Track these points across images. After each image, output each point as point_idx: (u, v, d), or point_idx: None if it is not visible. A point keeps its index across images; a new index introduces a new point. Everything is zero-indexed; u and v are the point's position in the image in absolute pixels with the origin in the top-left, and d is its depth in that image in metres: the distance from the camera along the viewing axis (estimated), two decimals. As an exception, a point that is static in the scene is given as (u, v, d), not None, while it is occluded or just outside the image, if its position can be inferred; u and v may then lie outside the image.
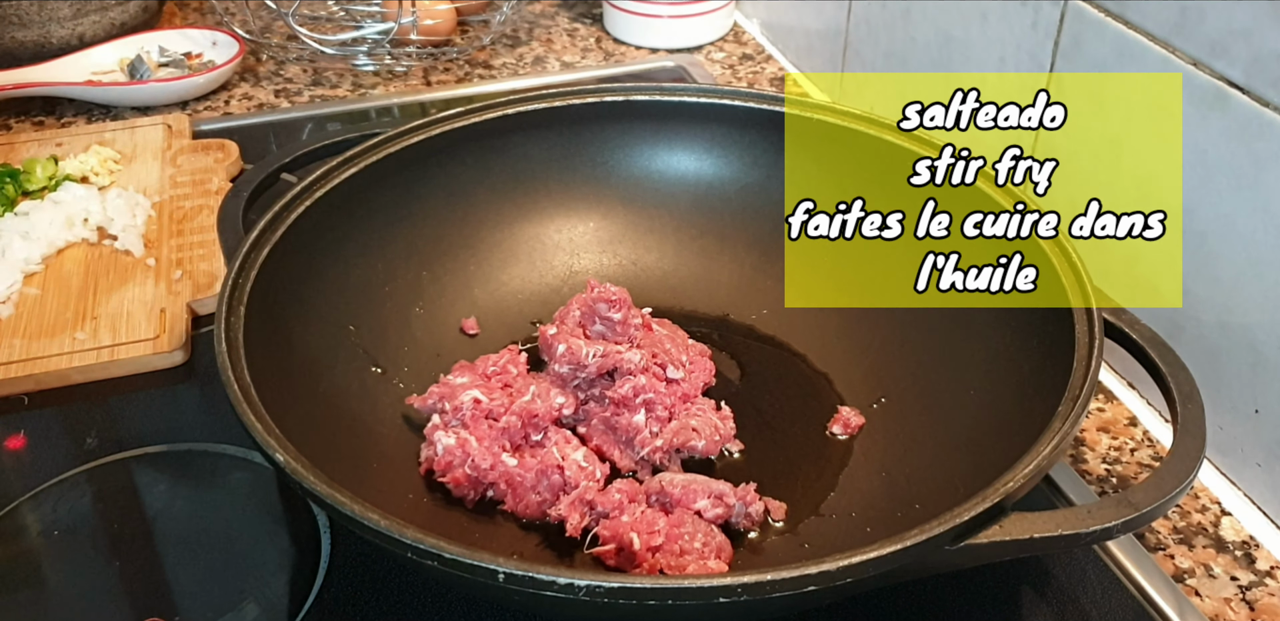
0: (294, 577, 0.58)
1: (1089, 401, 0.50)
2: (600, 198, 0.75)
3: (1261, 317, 0.59)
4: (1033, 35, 0.71)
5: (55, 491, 0.63)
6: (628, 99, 0.72)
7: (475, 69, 1.08)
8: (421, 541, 0.43)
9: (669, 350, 0.64)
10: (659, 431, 0.61)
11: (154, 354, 0.71)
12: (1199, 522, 0.63)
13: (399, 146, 0.68)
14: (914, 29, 0.84)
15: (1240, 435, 0.63)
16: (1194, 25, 0.58)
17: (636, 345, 0.63)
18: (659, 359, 0.63)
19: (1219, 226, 0.60)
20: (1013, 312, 0.60)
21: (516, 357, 0.65)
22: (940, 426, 0.61)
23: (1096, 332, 0.53)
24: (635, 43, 1.12)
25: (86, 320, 0.73)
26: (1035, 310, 0.58)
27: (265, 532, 0.61)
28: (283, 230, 0.61)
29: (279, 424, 0.50)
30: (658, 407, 0.61)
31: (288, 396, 0.55)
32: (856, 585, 0.44)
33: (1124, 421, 0.69)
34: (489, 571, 0.42)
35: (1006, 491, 0.45)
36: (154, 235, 0.81)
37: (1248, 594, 0.58)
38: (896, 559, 0.43)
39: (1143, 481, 0.48)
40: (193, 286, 0.76)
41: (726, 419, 0.62)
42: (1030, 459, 0.47)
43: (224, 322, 0.54)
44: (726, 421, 0.62)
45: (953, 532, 0.44)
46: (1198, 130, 0.60)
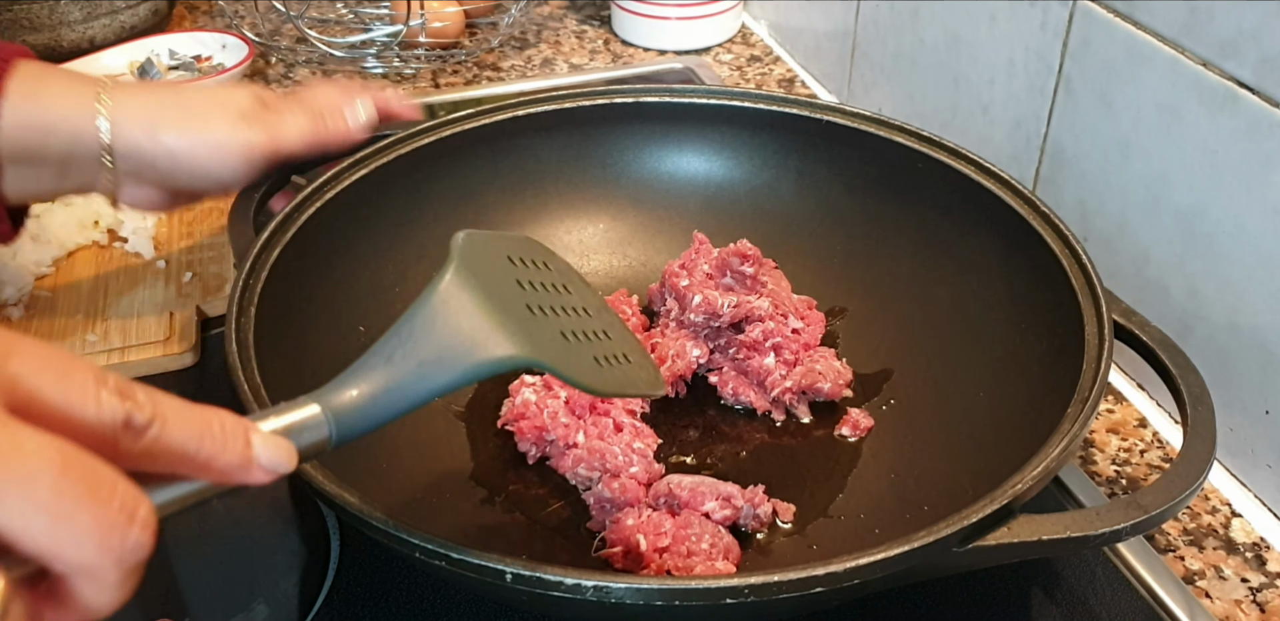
0: (304, 578, 0.58)
1: (1098, 403, 0.50)
2: (610, 199, 0.75)
3: (1272, 318, 0.59)
4: (1041, 36, 0.71)
5: (66, 492, 0.63)
6: (638, 100, 0.73)
7: (484, 71, 1.08)
8: (430, 541, 0.43)
9: (789, 301, 0.67)
10: (787, 374, 0.64)
11: (164, 356, 0.71)
12: (1209, 524, 0.62)
13: (409, 148, 0.68)
14: (922, 30, 0.84)
15: (1251, 436, 0.63)
16: (1203, 26, 0.58)
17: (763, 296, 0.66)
18: (781, 309, 0.66)
19: (1229, 227, 0.60)
20: (1022, 314, 0.61)
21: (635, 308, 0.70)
22: (949, 428, 0.61)
23: (1106, 335, 0.53)
24: (643, 44, 1.12)
25: (97, 322, 0.74)
26: (1045, 311, 0.58)
27: (275, 533, 0.61)
28: (293, 232, 0.61)
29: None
30: (785, 352, 0.65)
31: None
32: (863, 586, 0.44)
33: (1134, 422, 0.69)
34: (496, 571, 0.42)
35: (1015, 493, 0.45)
36: (164, 237, 0.82)
37: (1258, 595, 0.58)
38: (904, 560, 0.43)
39: (1152, 483, 0.47)
40: (203, 288, 0.76)
41: (847, 367, 0.66)
42: (1039, 461, 0.47)
43: (234, 324, 0.55)
44: (847, 369, 0.66)
45: (960, 534, 0.44)
46: (1207, 130, 0.60)
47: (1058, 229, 0.59)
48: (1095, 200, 0.70)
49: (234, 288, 0.57)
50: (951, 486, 0.56)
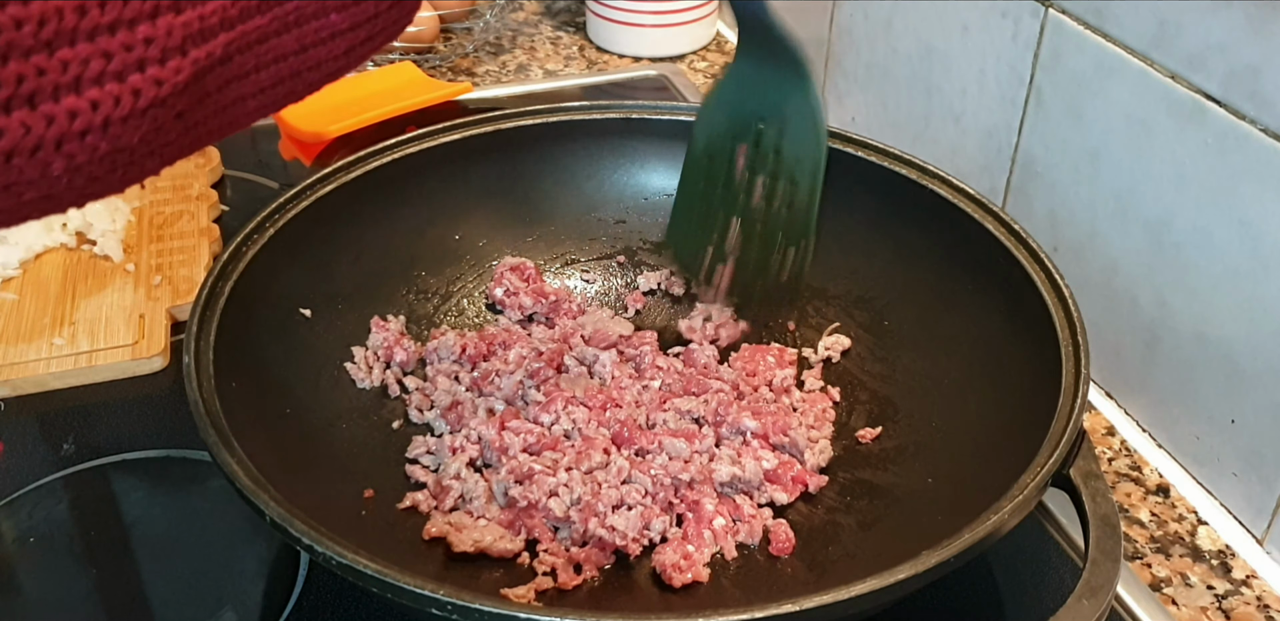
0: (271, 585, 0.58)
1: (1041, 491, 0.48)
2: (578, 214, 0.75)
3: (1237, 329, 0.60)
4: (1013, 47, 0.71)
5: (31, 498, 0.63)
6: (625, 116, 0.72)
7: (458, 77, 1.07)
8: (366, 566, 0.43)
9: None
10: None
11: (133, 360, 0.70)
12: (1176, 532, 0.63)
13: (387, 159, 0.67)
14: (896, 40, 0.85)
15: (1216, 445, 0.63)
16: (1172, 39, 0.59)
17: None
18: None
19: (1196, 238, 0.61)
20: (1001, 350, 0.60)
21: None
22: (917, 461, 0.60)
23: (1081, 395, 0.52)
24: (618, 51, 1.12)
25: (65, 325, 0.73)
26: (1024, 347, 0.58)
27: (243, 540, 0.60)
28: (263, 242, 0.60)
29: (245, 436, 0.50)
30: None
31: (255, 411, 0.55)
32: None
33: (1102, 431, 0.69)
34: (424, 598, 0.42)
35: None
36: (133, 240, 0.81)
37: (1224, 602, 0.59)
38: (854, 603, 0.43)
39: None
40: (172, 292, 0.76)
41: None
42: (981, 521, 0.46)
43: (194, 338, 0.54)
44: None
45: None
46: (1176, 142, 0.60)
47: (1028, 245, 0.59)
48: (1065, 210, 0.70)
49: (197, 298, 0.56)
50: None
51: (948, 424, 0.61)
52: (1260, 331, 0.58)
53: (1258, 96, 0.55)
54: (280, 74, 0.37)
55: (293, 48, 0.36)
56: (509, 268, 0.72)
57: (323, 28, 0.37)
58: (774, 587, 0.55)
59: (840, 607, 0.42)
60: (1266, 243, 0.57)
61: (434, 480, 0.59)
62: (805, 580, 0.55)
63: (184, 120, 0.33)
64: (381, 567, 0.43)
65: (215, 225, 0.83)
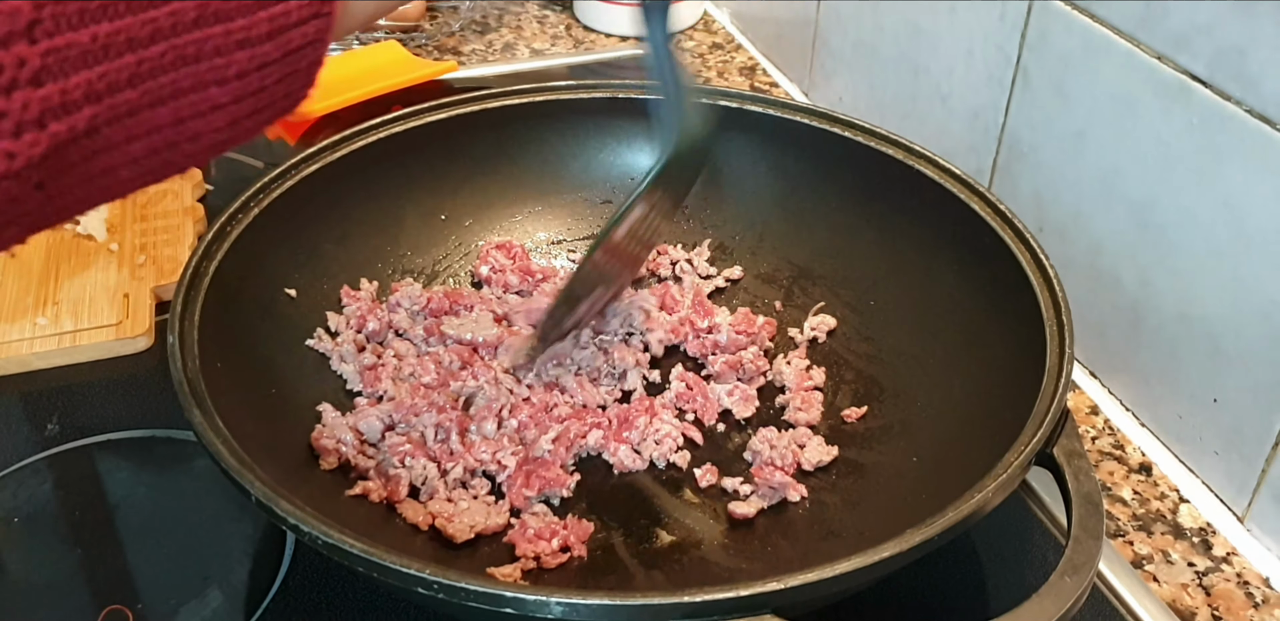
0: (258, 565, 0.58)
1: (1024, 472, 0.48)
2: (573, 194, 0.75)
3: (1219, 309, 0.60)
4: (1000, 27, 0.71)
5: (15, 478, 0.63)
6: (613, 96, 0.72)
7: (444, 55, 1.07)
8: (351, 545, 0.43)
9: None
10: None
11: (117, 339, 0.70)
12: (1158, 509, 0.63)
13: (372, 139, 0.67)
14: (883, 19, 0.85)
15: (1199, 424, 0.64)
16: (1158, 20, 0.59)
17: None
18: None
19: (1180, 218, 0.61)
20: (985, 321, 0.60)
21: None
22: (905, 460, 0.60)
23: (1065, 374, 0.52)
24: (605, 30, 1.12)
25: (48, 305, 0.73)
26: (1010, 326, 0.58)
27: (229, 519, 0.60)
28: (248, 221, 0.60)
29: (230, 415, 0.50)
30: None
31: (240, 391, 0.55)
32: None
33: (1085, 410, 0.70)
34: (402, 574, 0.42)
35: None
36: (117, 219, 0.80)
37: (1204, 579, 0.59)
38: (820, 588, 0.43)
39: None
40: (156, 272, 0.75)
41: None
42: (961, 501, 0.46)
43: (179, 317, 0.54)
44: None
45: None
46: (1161, 123, 0.60)
47: (1014, 225, 0.59)
48: (1050, 190, 0.70)
49: (181, 277, 0.56)
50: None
51: (932, 403, 0.61)
52: (1243, 311, 0.59)
53: (1243, 77, 0.55)
54: (154, 145, 0.35)
55: (168, 120, 0.35)
56: (495, 246, 0.72)
57: (201, 101, 0.35)
58: (759, 565, 0.55)
59: (825, 585, 0.42)
60: (1250, 223, 0.57)
61: (375, 468, 0.58)
62: (790, 557, 0.55)
63: (45, 190, 0.32)
64: (367, 547, 0.43)
65: (200, 204, 0.82)
